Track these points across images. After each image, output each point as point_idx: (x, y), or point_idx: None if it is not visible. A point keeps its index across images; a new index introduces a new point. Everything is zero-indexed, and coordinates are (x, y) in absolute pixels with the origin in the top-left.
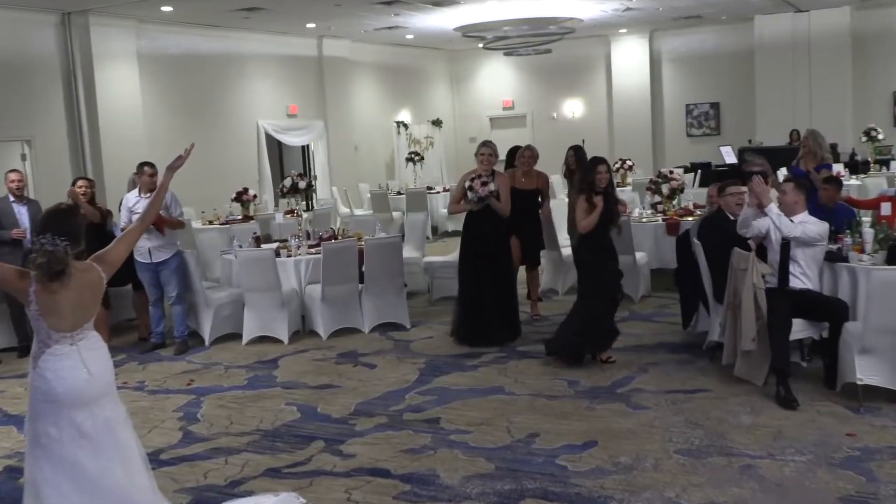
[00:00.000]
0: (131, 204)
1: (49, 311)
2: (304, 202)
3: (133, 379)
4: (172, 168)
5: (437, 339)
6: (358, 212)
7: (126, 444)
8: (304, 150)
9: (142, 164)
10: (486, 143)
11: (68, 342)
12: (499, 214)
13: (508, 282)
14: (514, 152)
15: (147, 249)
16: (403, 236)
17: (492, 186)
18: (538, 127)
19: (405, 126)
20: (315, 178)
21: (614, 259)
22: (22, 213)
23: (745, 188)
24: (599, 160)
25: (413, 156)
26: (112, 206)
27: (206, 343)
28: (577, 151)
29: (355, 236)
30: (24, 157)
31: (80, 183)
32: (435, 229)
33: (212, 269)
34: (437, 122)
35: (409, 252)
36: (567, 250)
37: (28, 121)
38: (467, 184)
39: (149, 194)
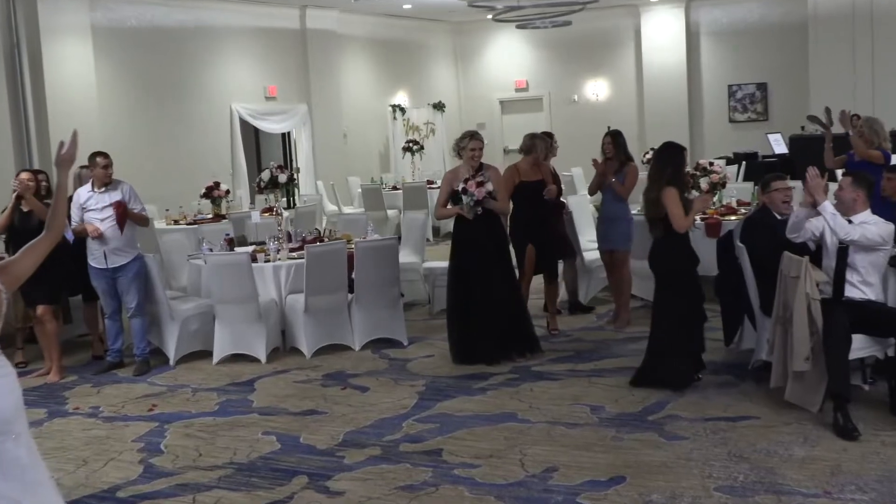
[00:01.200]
0: (83, 200)
1: None
2: (284, 199)
3: (86, 404)
4: (64, 162)
5: (438, 357)
6: (347, 210)
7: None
8: (285, 138)
9: (93, 155)
10: (475, 135)
11: None
12: (496, 215)
13: (512, 290)
14: (533, 139)
15: (102, 253)
16: (400, 238)
17: (489, 186)
18: (556, 111)
19: (402, 111)
20: (297, 170)
21: (696, 265)
22: None
23: (793, 183)
24: (682, 148)
25: (411, 145)
26: None
27: (171, 362)
28: (615, 137)
29: (344, 238)
30: None
31: (22, 176)
32: (436, 230)
33: (177, 276)
34: (438, 106)
35: (406, 256)
36: (592, 254)
37: None
38: (460, 186)
39: (104, 188)
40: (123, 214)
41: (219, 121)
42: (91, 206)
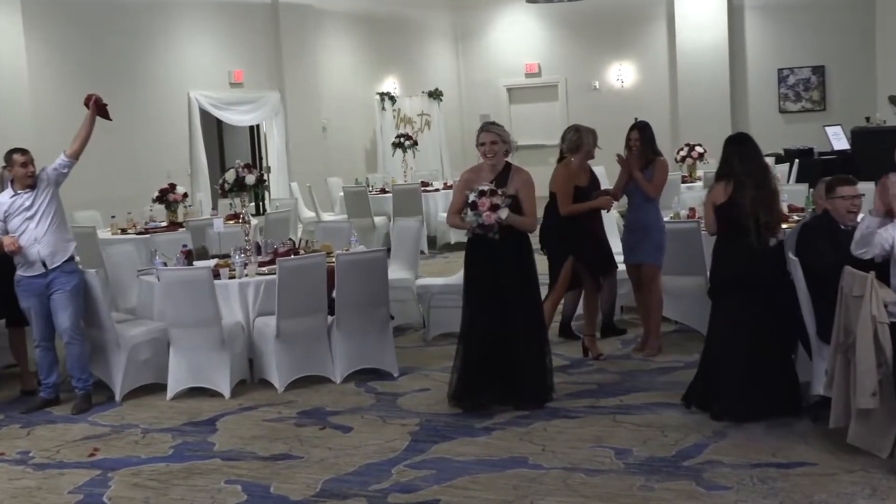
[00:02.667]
0: (6, 207)
1: None
2: (252, 203)
3: (13, 448)
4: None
5: (435, 391)
6: (327, 216)
7: None
8: (254, 132)
9: (10, 153)
10: (488, 127)
11: None
12: (520, 232)
13: (531, 328)
14: (579, 132)
15: (38, 255)
16: (389, 250)
17: (503, 213)
18: (574, 100)
19: (392, 100)
20: (268, 170)
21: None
22: None
23: (863, 186)
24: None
25: (403, 140)
26: None
27: (117, 397)
28: (643, 130)
29: (323, 250)
30: None
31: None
32: (432, 240)
33: (125, 295)
34: (435, 95)
35: (396, 272)
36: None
37: None
38: (470, 198)
39: (28, 191)
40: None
41: (175, 111)
42: (14, 212)
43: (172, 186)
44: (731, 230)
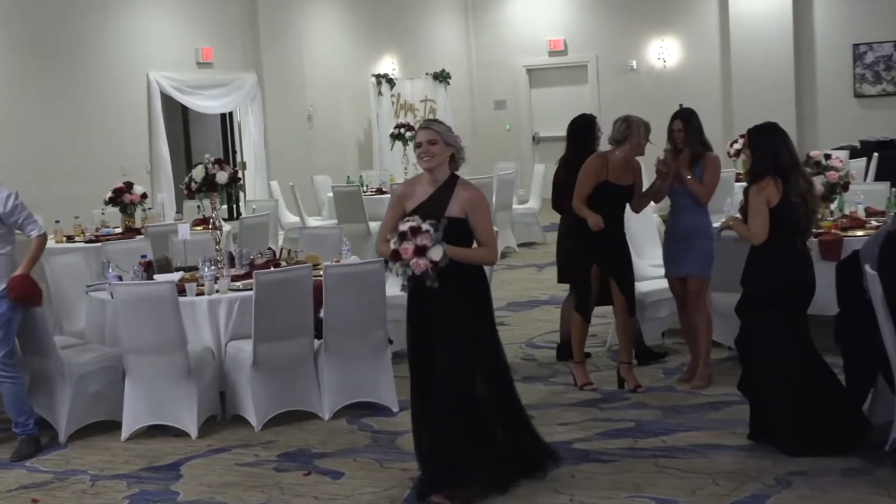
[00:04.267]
0: None
1: None
2: (225, 206)
3: None
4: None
5: None
6: (314, 221)
7: None
8: (226, 121)
9: None
10: (426, 124)
11: None
12: (472, 266)
13: (496, 384)
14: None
15: None
16: (387, 262)
17: (435, 255)
18: (607, 83)
19: (390, 83)
20: (243, 166)
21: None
22: None
23: None
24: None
25: (403, 131)
26: None
27: (61, 438)
28: (687, 120)
29: (309, 262)
30: None
31: None
32: None
33: (71, 315)
34: (442, 77)
35: (396, 287)
36: (650, 283)
37: None
38: (391, 243)
39: None
40: (27, 288)
41: (131, 96)
42: None
43: (129, 185)
44: (782, 233)
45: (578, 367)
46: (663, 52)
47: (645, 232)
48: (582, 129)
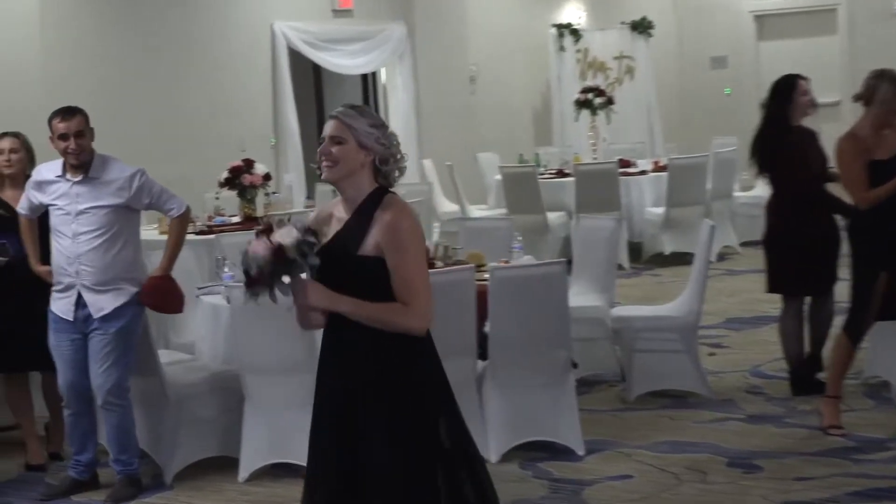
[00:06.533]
0: (50, 190)
1: None
2: None
3: None
4: None
5: (640, 479)
6: (478, 210)
7: None
8: (368, 83)
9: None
10: (338, 114)
11: None
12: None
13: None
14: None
15: (75, 295)
16: (570, 263)
17: (286, 236)
18: (864, 32)
19: (575, 35)
20: None
21: None
22: None
23: None
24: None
25: (591, 97)
26: None
27: (167, 478)
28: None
29: (470, 262)
30: None
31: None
32: (636, 249)
33: (178, 324)
34: (641, 27)
35: (581, 295)
36: None
37: None
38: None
39: (79, 173)
40: (162, 290)
41: (252, 53)
42: (60, 204)
43: (248, 164)
44: None
45: (829, 405)
46: None
47: None
48: (776, 95)
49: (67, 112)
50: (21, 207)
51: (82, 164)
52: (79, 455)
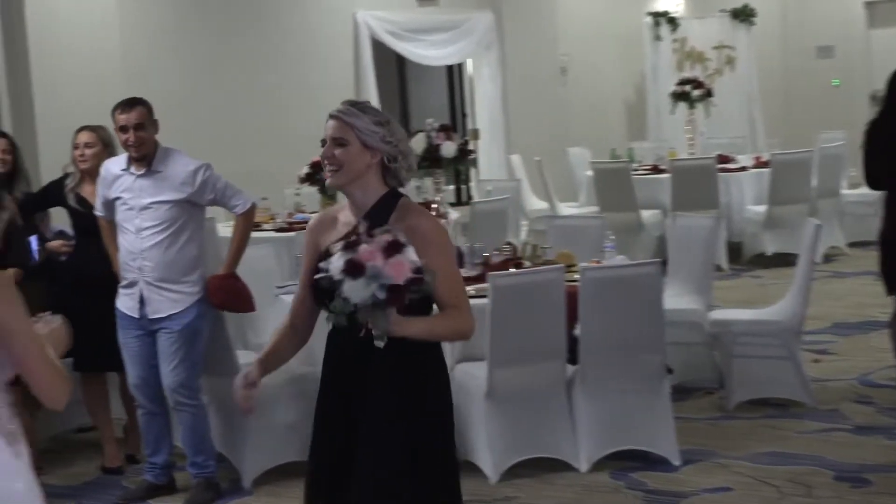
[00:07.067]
0: (116, 185)
1: None
2: (452, 187)
3: None
4: None
5: (741, 493)
6: (568, 208)
7: None
8: (453, 75)
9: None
10: (340, 113)
11: None
12: (414, 345)
13: None
14: None
15: (139, 292)
16: (666, 263)
17: (408, 262)
18: None
19: (672, 23)
20: (475, 134)
21: None
22: None
23: None
24: None
25: (689, 89)
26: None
27: (245, 483)
28: None
29: (560, 262)
30: None
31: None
32: (736, 249)
33: (257, 323)
34: (743, 15)
35: (678, 298)
36: None
37: None
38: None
39: (141, 167)
40: (228, 289)
41: (334, 43)
42: (125, 198)
43: None
44: None
45: None
46: None
47: None
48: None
49: (128, 104)
50: (97, 210)
51: (143, 156)
52: (153, 457)
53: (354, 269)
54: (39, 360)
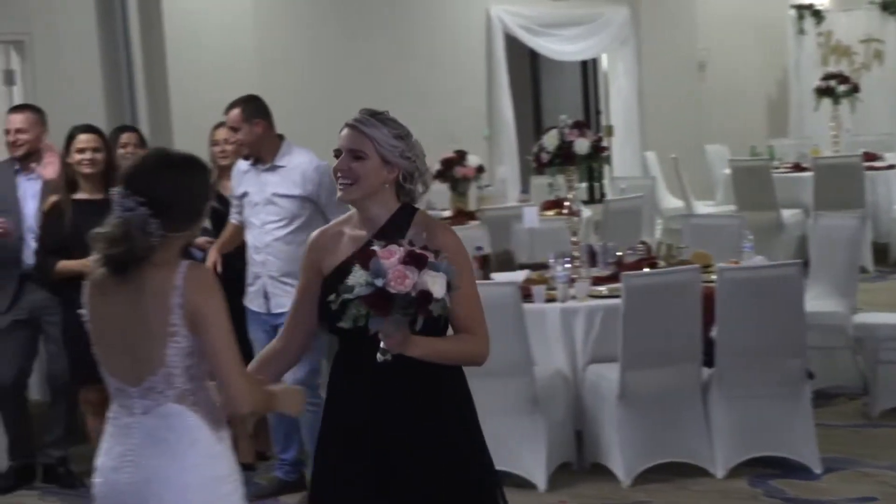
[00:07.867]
0: (243, 183)
1: (97, 334)
2: (585, 184)
3: None
4: None
5: (886, 501)
6: (704, 207)
7: None
8: (588, 71)
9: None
10: (356, 123)
11: (126, 409)
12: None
13: None
14: None
15: (262, 287)
16: (807, 264)
17: (437, 290)
18: None
19: (816, 16)
20: (609, 131)
21: None
22: (28, 192)
23: None
24: None
25: (834, 84)
26: None
27: None
28: None
29: (696, 262)
30: (9, 79)
31: (82, 139)
32: (882, 251)
33: None
34: (893, 7)
35: (819, 300)
36: None
37: (20, 7)
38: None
39: (260, 160)
40: None
41: (466, 39)
42: (251, 192)
43: (460, 156)
44: None
45: None
46: None
47: None
48: None
49: (229, 106)
50: (232, 217)
51: (248, 156)
52: (283, 454)
53: (417, 260)
54: (229, 357)
